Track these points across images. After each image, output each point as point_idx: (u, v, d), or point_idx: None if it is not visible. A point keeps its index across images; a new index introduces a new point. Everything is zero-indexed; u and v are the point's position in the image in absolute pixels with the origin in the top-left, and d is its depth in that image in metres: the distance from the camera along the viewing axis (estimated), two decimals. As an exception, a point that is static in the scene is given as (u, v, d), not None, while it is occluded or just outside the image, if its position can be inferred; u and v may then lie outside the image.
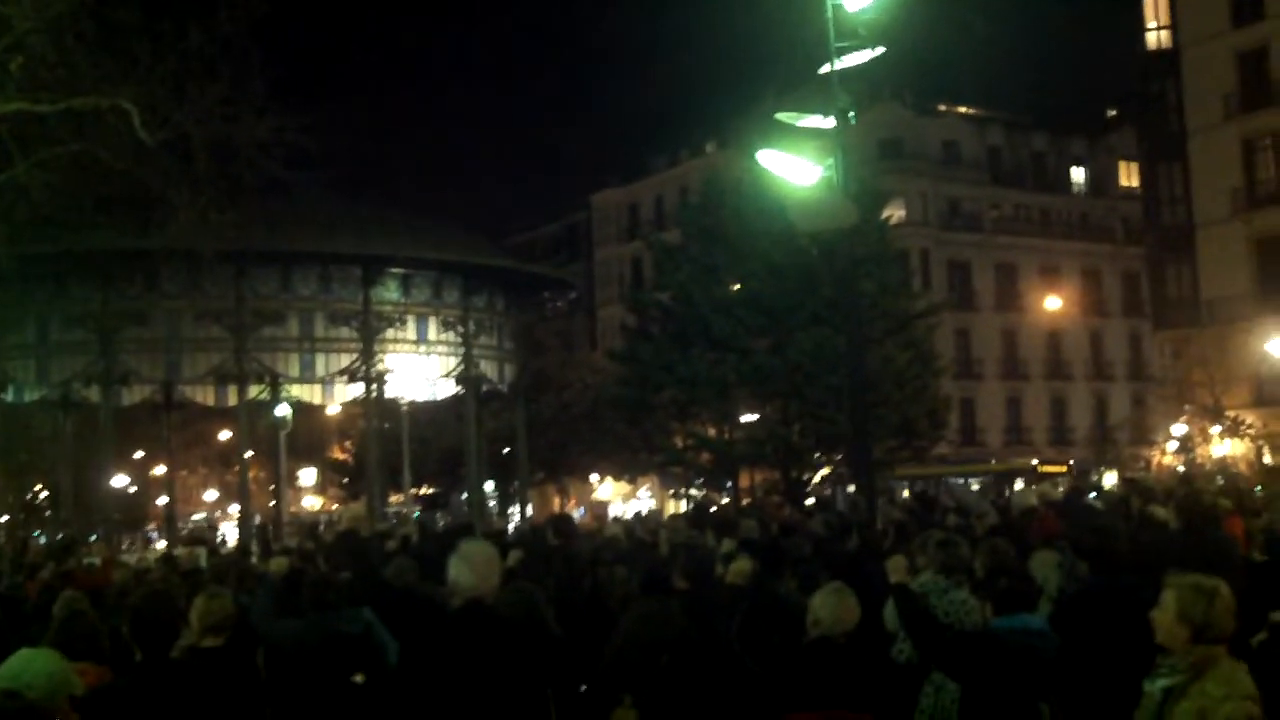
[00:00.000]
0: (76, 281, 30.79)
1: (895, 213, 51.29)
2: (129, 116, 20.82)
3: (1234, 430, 41.30)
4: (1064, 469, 41.70)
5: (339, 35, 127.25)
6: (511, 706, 5.17)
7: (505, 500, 51.00)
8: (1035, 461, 47.40)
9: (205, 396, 31.70)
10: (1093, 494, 18.16)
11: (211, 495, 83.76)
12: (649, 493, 63.97)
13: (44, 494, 62.43)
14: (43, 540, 39.94)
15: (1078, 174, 74.28)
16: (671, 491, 44.54)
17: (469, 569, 5.39)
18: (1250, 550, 12.02)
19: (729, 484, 39.02)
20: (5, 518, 55.40)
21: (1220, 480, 30.97)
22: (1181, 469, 36.55)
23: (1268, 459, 36.31)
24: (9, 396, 32.85)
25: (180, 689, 5.12)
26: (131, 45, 21.08)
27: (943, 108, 70.48)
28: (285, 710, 6.86)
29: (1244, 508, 15.56)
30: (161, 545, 34.09)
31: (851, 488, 20.69)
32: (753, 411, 38.00)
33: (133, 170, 22.09)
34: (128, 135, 21.11)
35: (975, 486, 44.01)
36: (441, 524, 28.99)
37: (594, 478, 63.70)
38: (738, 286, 37.57)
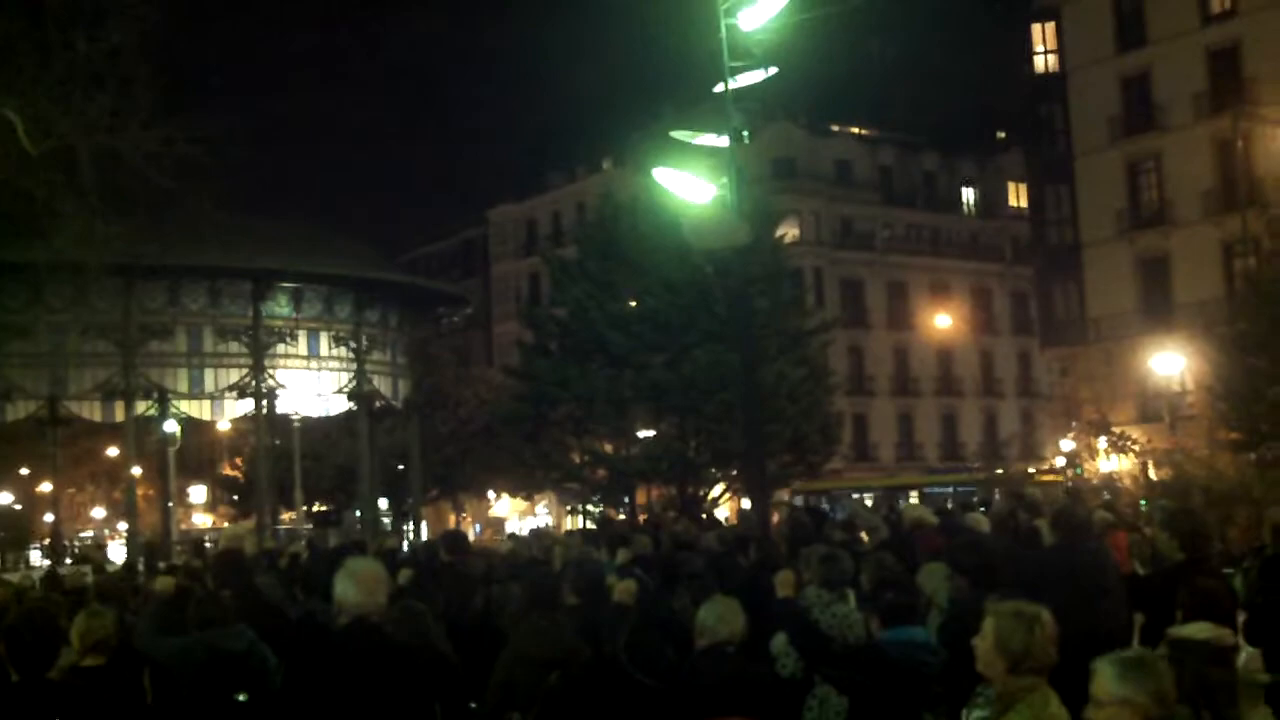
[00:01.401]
0: (-43, 294, 30.05)
1: (789, 231, 51.84)
2: (12, 126, 20.41)
3: (1120, 446, 42.20)
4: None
5: (232, 46, 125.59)
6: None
7: (399, 518, 50.55)
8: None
9: (92, 412, 31.08)
10: (981, 508, 18.44)
11: (99, 513, 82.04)
12: (546, 509, 63.83)
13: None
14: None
15: (968, 194, 75.60)
16: (569, 508, 44.49)
17: (355, 586, 5.35)
18: (1132, 564, 12.33)
19: (626, 500, 39.05)
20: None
21: (1106, 495, 31.69)
22: (1069, 484, 37.27)
23: (1152, 474, 37.11)
24: (-112, 413, 31.93)
25: (59, 709, 5.02)
26: (15, 54, 20.66)
27: (836, 128, 71.37)
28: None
29: (1126, 522, 15.94)
30: (45, 564, 33.30)
31: (746, 502, 20.83)
32: (649, 427, 38.09)
33: (16, 180, 21.63)
34: (11, 145, 20.68)
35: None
36: (333, 542, 28.70)
37: (490, 494, 63.40)
38: (634, 303, 37.66)
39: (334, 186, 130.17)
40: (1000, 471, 45.73)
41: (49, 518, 53.24)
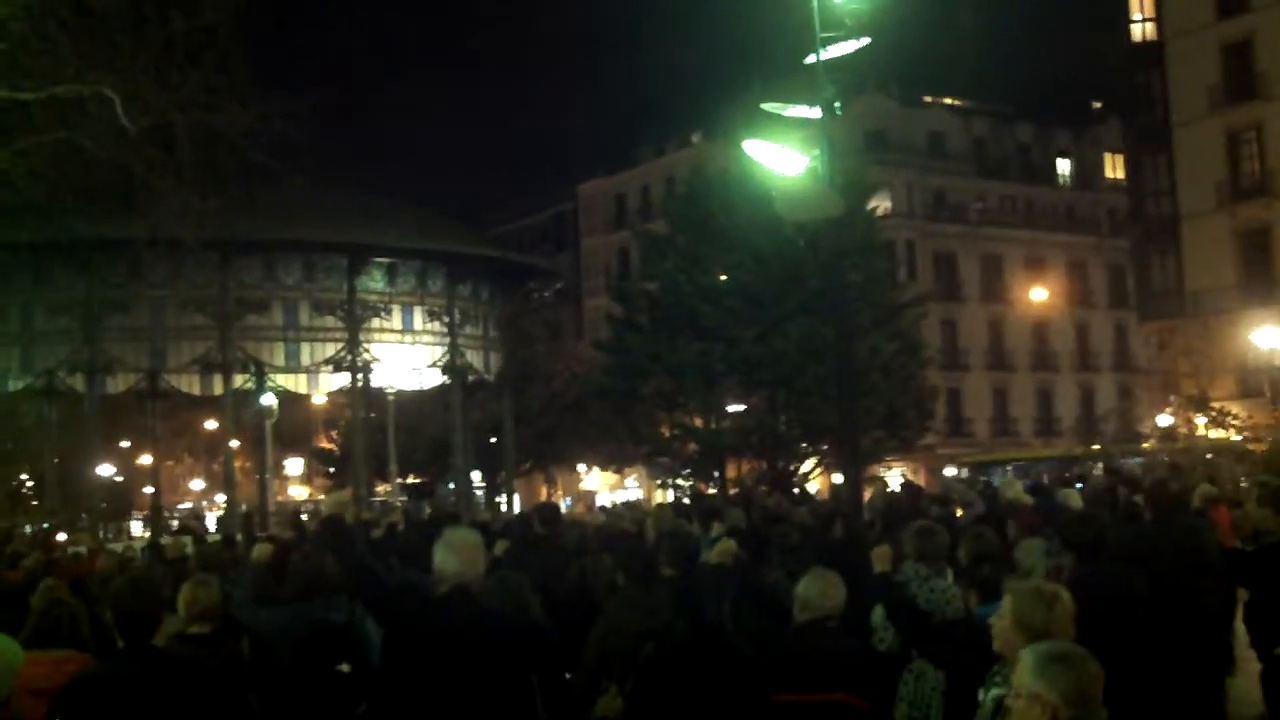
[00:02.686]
0: (60, 269, 30.68)
1: (881, 204, 51.33)
2: (111, 104, 20.78)
3: (1219, 421, 41.37)
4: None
5: (325, 21, 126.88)
6: (496, 694, 5.16)
7: (492, 490, 50.93)
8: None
9: (190, 385, 31.61)
10: (1078, 484, 18.20)
11: (198, 484, 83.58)
12: (636, 483, 63.99)
13: (29, 483, 62.26)
14: (28, 530, 39.83)
15: (1063, 166, 74.38)
16: (658, 481, 44.53)
17: (454, 556, 5.37)
18: (1235, 539, 12.07)
19: (716, 474, 39.04)
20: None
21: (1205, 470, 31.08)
22: (1168, 459, 36.63)
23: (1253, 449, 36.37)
24: (-7, 384, 32.74)
25: (164, 676, 5.10)
26: (113, 32, 21.01)
27: (928, 99, 70.51)
28: (270, 698, 6.85)
29: (1228, 497, 15.62)
30: (146, 534, 34.02)
31: (839, 477, 20.74)
32: (740, 401, 38.01)
33: (116, 158, 22.04)
34: (110, 123, 21.06)
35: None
36: (427, 513, 29.00)
37: (581, 467, 63.70)
38: (725, 277, 37.56)
39: (427, 162, 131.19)
40: (1097, 446, 44.87)
41: (149, 489, 54.32)
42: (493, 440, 44.12)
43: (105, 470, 58.85)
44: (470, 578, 5.40)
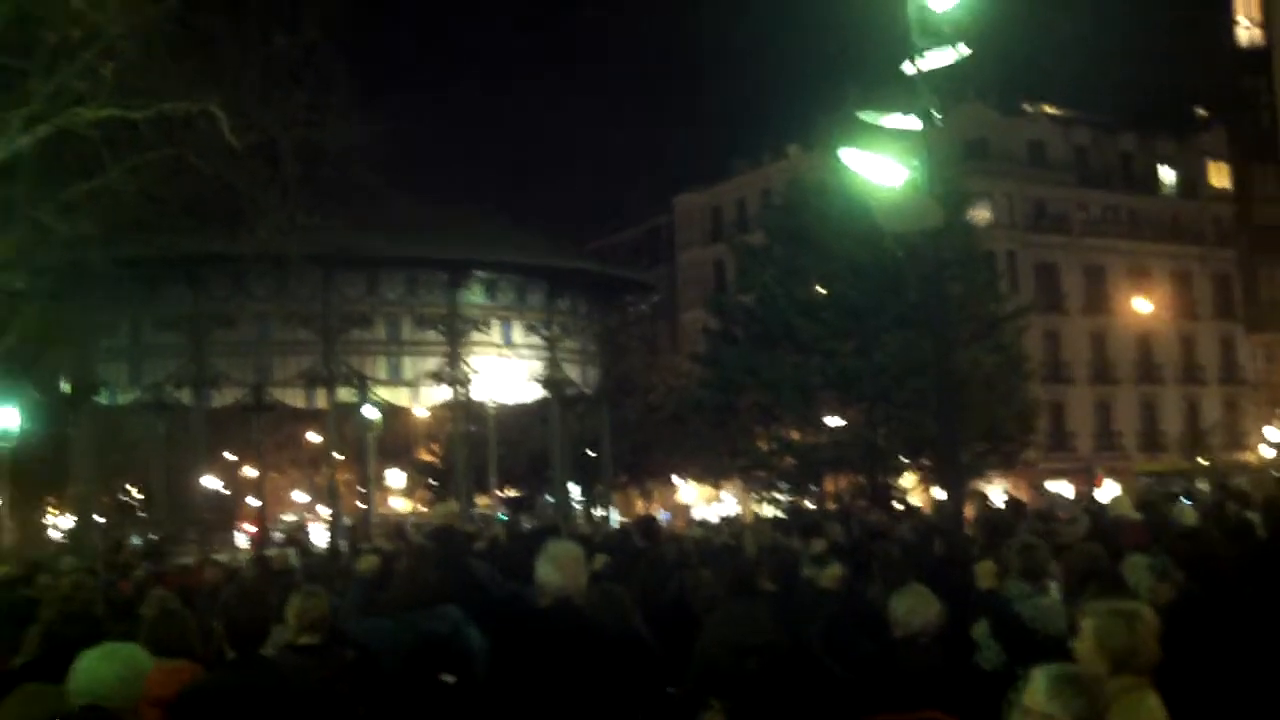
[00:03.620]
0: (168, 285, 31.36)
1: (981, 214, 50.78)
2: (217, 121, 21.19)
3: (1330, 435, 40.41)
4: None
5: (425, 37, 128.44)
6: (600, 706, 5.18)
7: (589, 503, 51.11)
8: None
9: (295, 399, 32.18)
10: (1184, 498, 17.84)
11: (301, 497, 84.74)
12: (731, 496, 63.81)
13: (137, 495, 63.53)
14: (136, 541, 40.66)
15: (1167, 174, 72.97)
16: (755, 495, 44.37)
17: (556, 569, 5.41)
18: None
19: (813, 488, 38.81)
20: (100, 519, 56.32)
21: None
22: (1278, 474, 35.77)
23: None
24: (103, 399, 33.52)
25: (274, 686, 5.19)
26: (219, 52, 21.46)
27: (1029, 108, 69.59)
28: (376, 708, 6.93)
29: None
30: (247, 546, 34.60)
31: (939, 492, 20.51)
32: (837, 415, 37.76)
33: (221, 174, 22.48)
34: (216, 140, 21.49)
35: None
36: (527, 526, 29.18)
37: (677, 481, 63.66)
38: (822, 289, 37.37)
39: (523, 176, 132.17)
40: (1205, 461, 44.03)
41: (254, 501, 55.19)
42: (590, 453, 44.30)
43: (211, 482, 59.92)
44: (572, 590, 5.43)
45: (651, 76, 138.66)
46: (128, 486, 64.19)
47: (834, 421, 37.89)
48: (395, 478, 78.70)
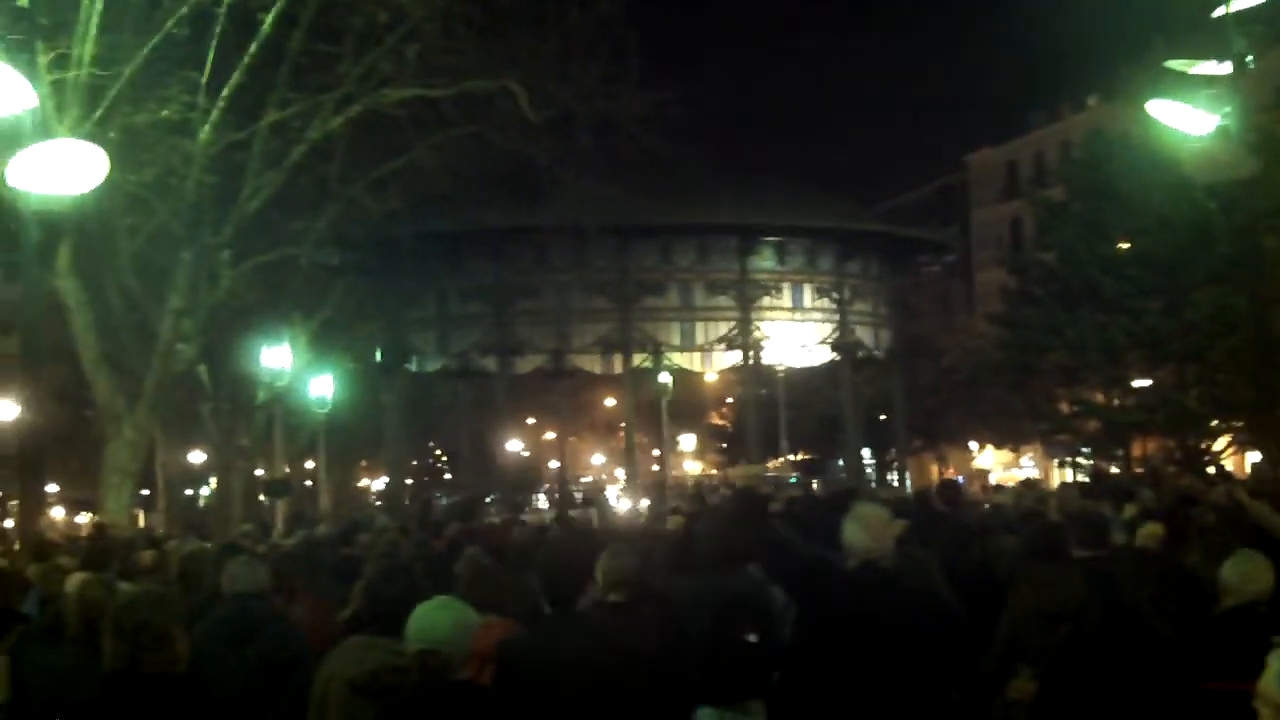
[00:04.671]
0: (472, 257, 32.62)
1: (1300, 162, 47.68)
2: (516, 98, 21.83)
3: None
4: None
5: (709, 5, 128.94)
6: (909, 671, 5.13)
7: (881, 468, 50.66)
8: None
9: (592, 364, 33.05)
10: None
11: (597, 459, 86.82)
12: (1031, 461, 62.14)
13: (444, 458, 66.26)
14: (444, 501, 42.51)
15: None
16: (1056, 460, 43.10)
17: (864, 530, 5.37)
18: None
19: (1120, 452, 37.42)
20: (409, 480, 59.16)
21: None
22: None
23: None
24: (412, 367, 35.15)
25: (591, 640, 5.35)
26: (516, 29, 22.09)
27: (1352, 46, 64.94)
28: (681, 666, 7.06)
29: None
30: (547, 507, 35.71)
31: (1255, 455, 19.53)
32: (1145, 376, 36.26)
33: (521, 149, 23.19)
34: (515, 115, 22.15)
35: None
36: (818, 490, 29.15)
37: (973, 445, 62.38)
38: (1127, 244, 35.90)
39: (809, 136, 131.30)
40: None
41: (554, 464, 56.88)
42: (882, 417, 43.86)
43: (513, 445, 62.11)
44: (880, 552, 5.39)
45: (939, 30, 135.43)
46: (435, 449, 67.10)
47: (1141, 383, 36.39)
48: (687, 441, 79.76)
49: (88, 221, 19.32)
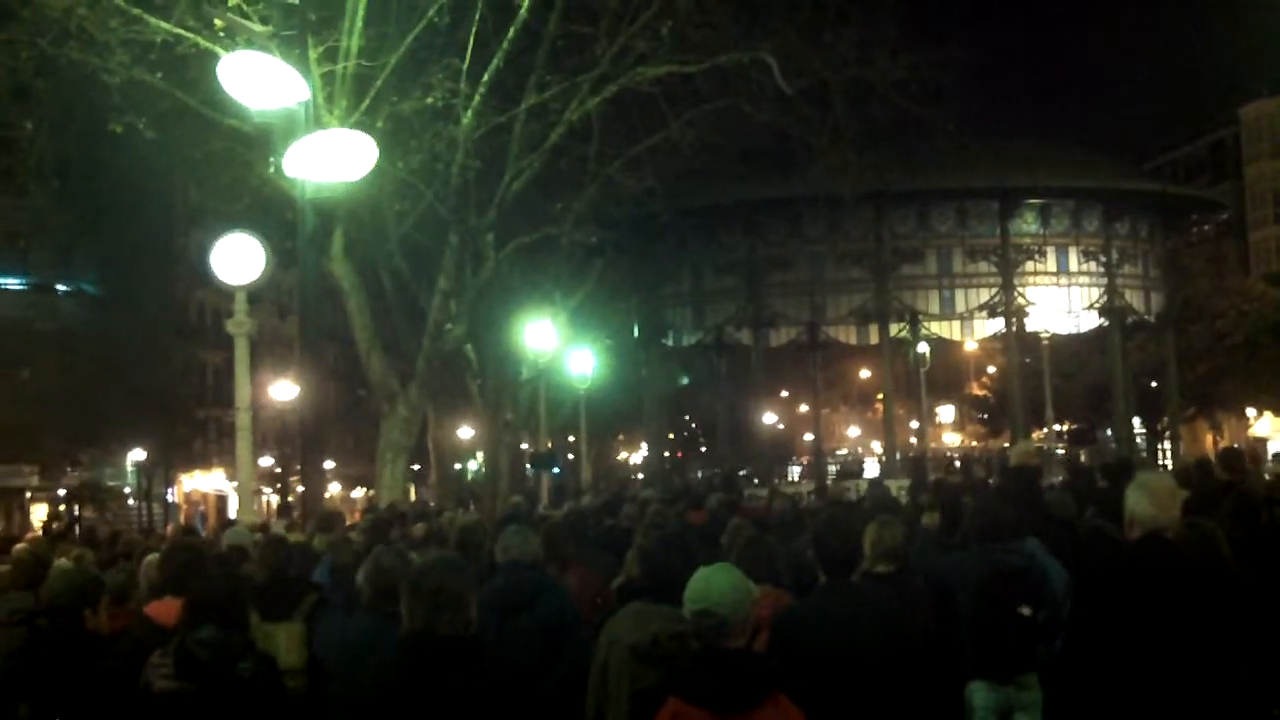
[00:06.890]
0: (725, 230, 32.74)
1: None
2: (769, 69, 21.73)
3: None
4: None
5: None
6: (1196, 643, 4.95)
7: (1152, 437, 48.79)
8: None
9: (847, 336, 32.78)
10: None
11: (853, 431, 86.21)
12: (1315, 428, 58.90)
13: (699, 431, 66.76)
14: (700, 475, 42.89)
15: None
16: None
17: (1150, 500, 5.20)
18: None
19: None
20: (666, 453, 59.82)
21: None
22: None
23: None
24: (669, 341, 35.56)
25: (865, 610, 5.36)
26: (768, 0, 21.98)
27: None
28: (952, 639, 7.00)
29: None
30: (802, 479, 35.68)
31: None
32: None
33: (774, 120, 23.11)
34: (768, 87, 22.06)
35: None
36: (1084, 461, 28.27)
37: (1250, 413, 59.44)
38: None
39: (1070, 94, 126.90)
40: None
41: (808, 436, 56.69)
42: (1153, 385, 42.24)
43: (768, 418, 62.14)
44: (1166, 523, 5.20)
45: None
46: (691, 423, 67.71)
47: None
48: (945, 412, 78.43)
49: (359, 208, 20.18)
